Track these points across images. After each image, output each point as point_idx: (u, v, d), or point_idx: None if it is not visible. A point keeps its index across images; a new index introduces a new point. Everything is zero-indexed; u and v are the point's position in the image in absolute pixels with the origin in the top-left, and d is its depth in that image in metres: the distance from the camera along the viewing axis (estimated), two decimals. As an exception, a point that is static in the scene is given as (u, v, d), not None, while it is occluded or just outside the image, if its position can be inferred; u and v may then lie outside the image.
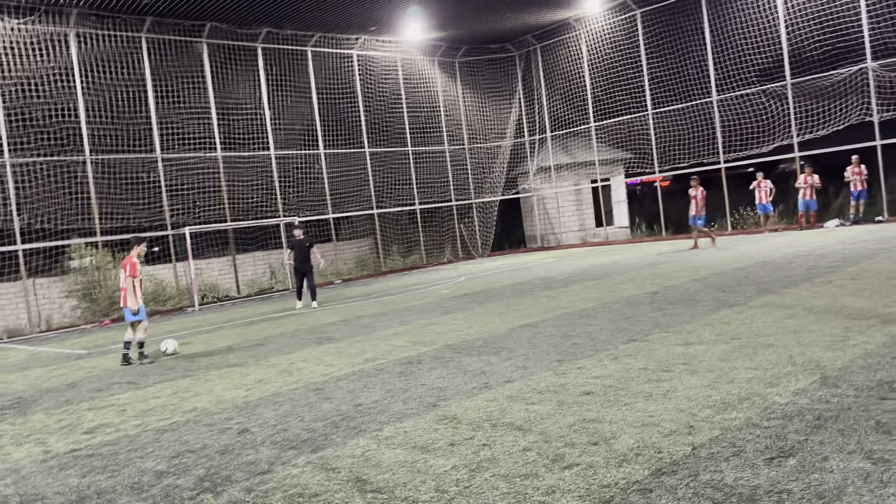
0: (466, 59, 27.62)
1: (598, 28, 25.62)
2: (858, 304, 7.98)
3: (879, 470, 3.52)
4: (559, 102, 27.43)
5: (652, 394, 5.42)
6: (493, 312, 11.25)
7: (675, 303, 9.87)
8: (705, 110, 23.46)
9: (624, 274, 14.66)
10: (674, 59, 23.84)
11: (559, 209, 28.42)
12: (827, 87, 20.99)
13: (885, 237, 15.61)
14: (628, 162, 26.61)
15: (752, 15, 22.04)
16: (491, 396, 5.94)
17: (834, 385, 5.05)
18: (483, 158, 28.21)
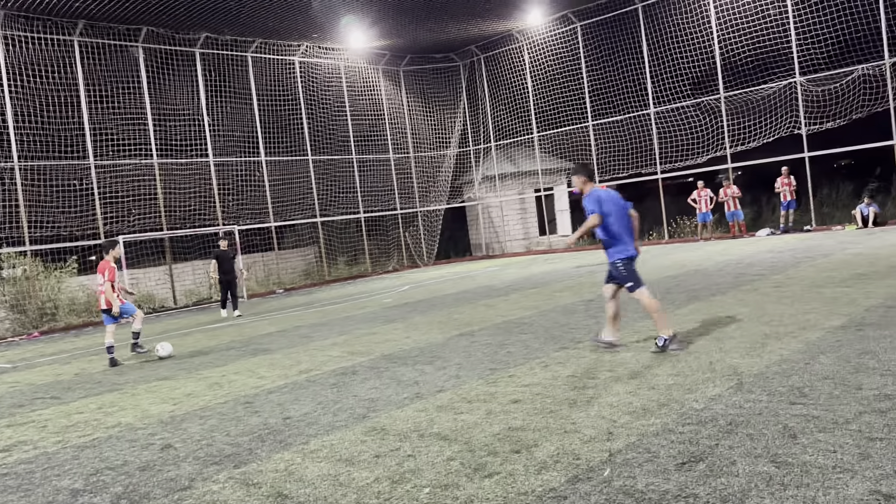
0: (411, 68, 27.71)
1: (541, 40, 26.05)
2: (779, 312, 8.29)
3: (782, 473, 3.66)
4: (503, 112, 27.75)
5: (577, 401, 5.51)
6: (433, 322, 11.27)
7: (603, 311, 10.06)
8: (643, 122, 24.08)
9: (563, 282, 14.88)
10: (613, 72, 24.41)
11: (504, 218, 28.69)
12: (758, 100, 21.79)
13: (812, 246, 16.25)
14: (570, 172, 27.07)
15: (686, 30, 22.74)
16: (421, 407, 5.95)
17: (748, 391, 5.23)
18: (428, 167, 28.30)
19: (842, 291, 9.19)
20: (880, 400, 4.64)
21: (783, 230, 21.35)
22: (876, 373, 5.29)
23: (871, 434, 4.05)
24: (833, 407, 4.62)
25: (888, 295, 8.49)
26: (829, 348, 6.22)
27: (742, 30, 21.68)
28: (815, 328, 7.12)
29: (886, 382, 5.01)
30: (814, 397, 4.88)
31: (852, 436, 4.06)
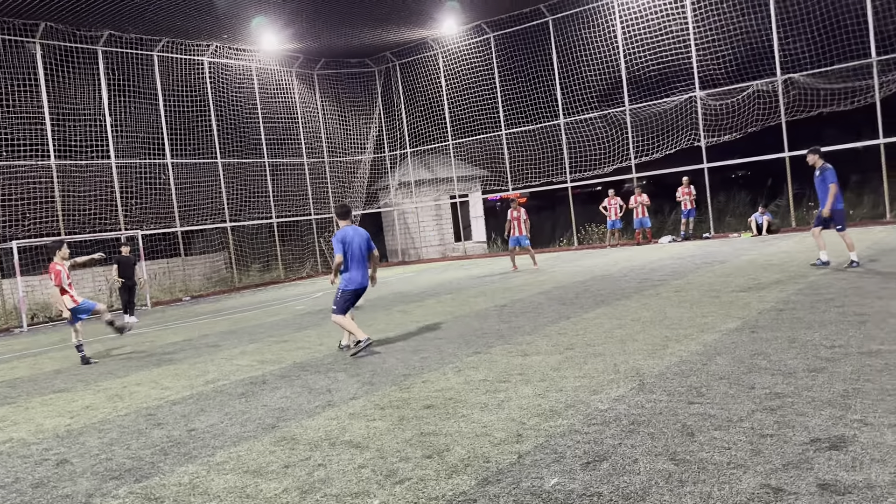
0: (325, 72, 27.43)
1: (455, 49, 26.35)
2: (680, 315, 8.67)
3: (680, 470, 3.83)
4: (419, 119, 27.88)
5: (488, 404, 5.59)
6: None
7: (519, 315, 10.26)
8: (554, 132, 24.73)
9: (477, 288, 15.06)
10: (526, 82, 24.97)
11: (419, 224, 28.78)
12: (660, 113, 22.78)
13: (710, 252, 17.10)
14: (485, 179, 27.48)
15: (594, 44, 23.54)
16: (333, 415, 5.88)
17: (650, 391, 5.44)
18: (343, 172, 28.07)
19: (737, 296, 9.71)
20: (771, 398, 4.93)
21: (684, 237, 22.36)
22: (767, 372, 5.61)
23: (762, 431, 4.29)
24: (728, 406, 4.87)
25: (779, 299, 9.03)
26: (724, 350, 6.56)
27: (646, 46, 22.63)
28: (712, 330, 7.49)
29: (777, 382, 5.32)
30: (710, 396, 5.13)
31: (745, 433, 4.29)
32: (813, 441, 4.01)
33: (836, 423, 4.25)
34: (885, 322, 6.90)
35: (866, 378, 5.11)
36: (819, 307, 8.11)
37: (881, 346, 6.00)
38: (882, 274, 10.19)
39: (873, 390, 4.82)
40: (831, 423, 4.26)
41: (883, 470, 3.50)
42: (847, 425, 4.20)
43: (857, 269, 10.95)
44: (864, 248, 14.02)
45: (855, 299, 8.35)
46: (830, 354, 5.92)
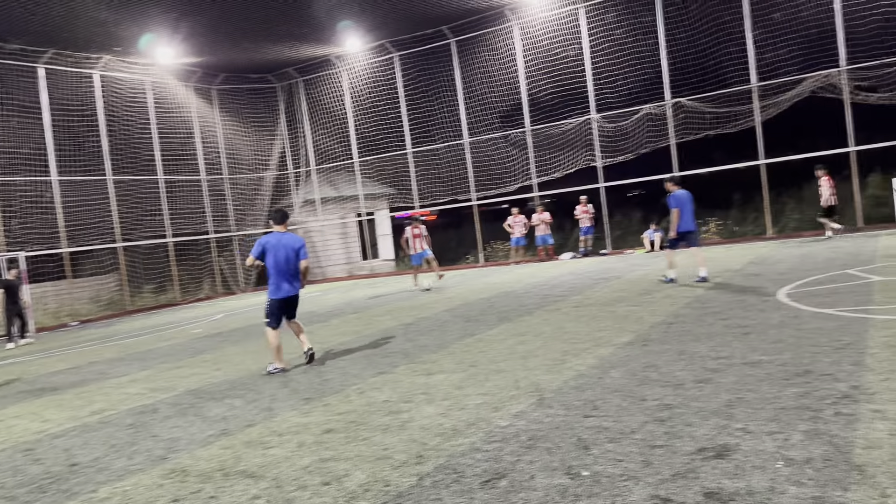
0: (225, 87, 26.71)
1: (360, 66, 26.30)
2: (578, 330, 8.91)
3: (575, 484, 3.90)
4: (323, 136, 27.58)
5: (390, 426, 5.52)
6: (247, 352, 10.81)
7: (425, 333, 10.26)
8: (458, 151, 25.06)
9: (384, 307, 14.96)
10: (431, 102, 25.21)
11: (325, 242, 28.38)
12: (560, 134, 23.53)
13: (607, 268, 17.71)
14: (392, 197, 27.46)
15: (496, 66, 24.09)
16: (228, 444, 5.65)
17: (548, 406, 5.54)
18: (245, 190, 27.33)
19: (631, 310, 10.08)
20: (661, 409, 5.11)
21: (583, 254, 23.09)
22: (658, 384, 5.83)
23: (652, 442, 4.44)
24: (621, 418, 5.02)
25: (669, 312, 9.44)
26: (619, 363, 6.78)
27: (545, 69, 23.36)
28: (608, 344, 7.73)
29: (667, 393, 5.53)
30: (605, 409, 5.27)
31: (637, 444, 4.42)
32: (699, 450, 4.18)
33: (720, 433, 4.45)
34: (766, 333, 7.33)
35: (748, 388, 5.39)
36: (706, 320, 8.53)
37: (762, 356, 6.36)
38: (764, 287, 10.84)
39: (755, 399, 5.08)
40: (716, 433, 4.45)
41: (763, 476, 3.69)
42: (730, 434, 4.40)
43: (705, 283, 11.97)
44: (748, 262, 14.90)
45: (739, 312, 8.83)
46: (716, 365, 6.22)
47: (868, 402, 4.70)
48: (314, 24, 22.21)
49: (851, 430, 4.20)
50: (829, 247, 16.18)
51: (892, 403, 4.60)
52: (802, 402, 4.88)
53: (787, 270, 12.58)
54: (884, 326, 6.96)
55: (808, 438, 4.15)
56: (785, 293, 9.90)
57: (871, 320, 7.34)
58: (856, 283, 10.16)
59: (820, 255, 14.62)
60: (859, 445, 3.94)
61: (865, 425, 4.25)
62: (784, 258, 14.88)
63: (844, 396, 4.88)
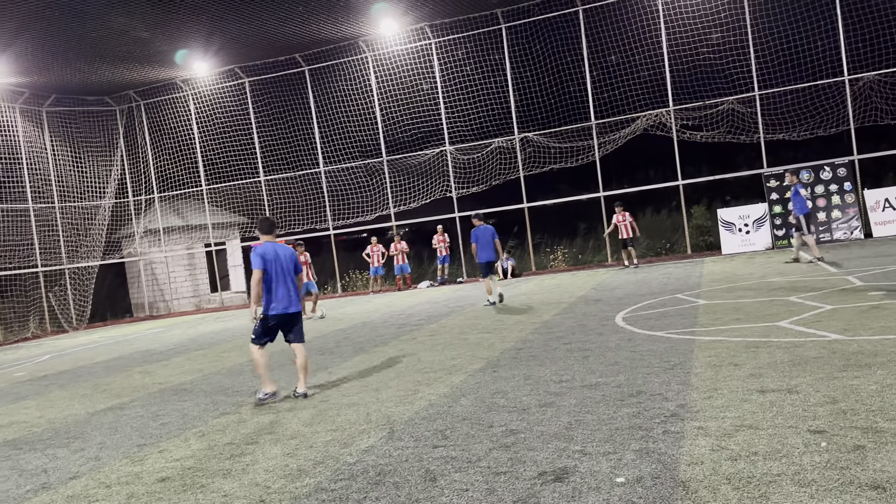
0: (56, 109, 24.79)
1: (208, 91, 25.40)
2: (432, 358, 8.96)
3: (421, 517, 3.86)
4: (168, 162, 26.25)
5: (231, 470, 5.23)
6: (76, 395, 9.91)
7: (276, 369, 9.86)
8: (314, 179, 24.74)
9: (232, 342, 14.31)
10: (285, 129, 24.77)
11: (170, 274, 26.85)
12: (416, 165, 23.89)
13: (463, 296, 18.06)
14: (244, 226, 26.54)
15: (352, 96, 24.14)
16: (48, 499, 5.10)
17: (398, 438, 5.48)
18: (78, 219, 25.33)
19: (483, 337, 10.30)
20: (507, 435, 5.21)
21: (440, 282, 23.44)
22: (505, 410, 5.95)
23: (497, 469, 4.50)
24: (469, 446, 5.06)
25: (518, 339, 9.74)
26: (469, 390, 6.86)
27: (400, 101, 23.72)
28: (460, 372, 7.83)
29: (513, 418, 5.65)
30: (454, 438, 5.29)
31: (482, 472, 4.46)
32: (540, 475, 4.28)
33: (560, 455, 4.59)
34: (604, 356, 7.73)
35: (587, 410, 5.63)
36: (551, 345, 8.88)
37: (600, 378, 6.68)
38: (603, 312, 11.47)
39: (592, 421, 5.31)
40: (556, 456, 4.59)
41: (598, 497, 3.83)
42: (570, 456, 4.56)
43: (493, 306, 14.28)
44: (590, 288, 15.75)
45: (580, 336, 9.27)
46: (559, 389, 6.46)
47: (692, 419, 5.04)
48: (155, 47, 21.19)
49: (678, 447, 4.48)
50: (661, 273, 17.47)
51: (713, 420, 4.96)
52: (635, 421, 5.16)
53: (624, 296, 13.41)
54: (707, 347, 7.55)
55: (640, 457, 4.38)
56: (622, 317, 10.53)
57: (696, 341, 7.95)
58: (684, 306, 11.01)
59: (654, 280, 15.73)
60: (684, 462, 4.20)
61: (690, 442, 4.55)
62: (622, 284, 15.87)
63: (672, 415, 5.21)
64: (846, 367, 5.96)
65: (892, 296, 9.31)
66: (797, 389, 5.46)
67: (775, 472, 3.84)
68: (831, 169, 20.02)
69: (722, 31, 20.91)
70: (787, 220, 19.67)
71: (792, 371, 6.05)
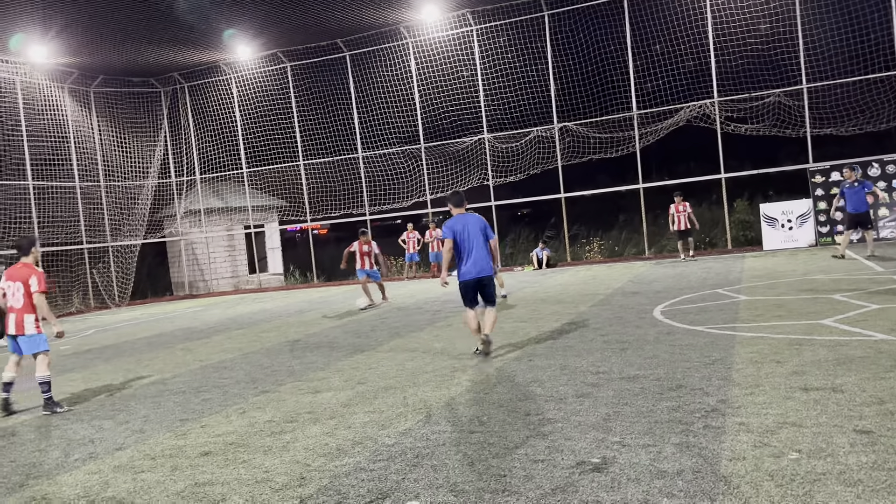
0: (104, 90, 25.28)
1: (250, 75, 25.66)
2: (467, 345, 8.97)
3: (459, 501, 3.90)
4: (210, 144, 26.62)
5: (272, 447, 5.33)
6: (119, 369, 10.19)
7: (313, 350, 10.03)
8: (353, 164, 24.89)
9: (270, 322, 14.54)
10: (324, 114, 24.92)
11: (210, 255, 27.31)
12: (454, 152, 23.86)
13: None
14: (282, 209, 26.84)
15: (392, 82, 24.16)
16: (95, 468, 5.27)
17: (436, 422, 5.53)
18: (123, 198, 25.88)
19: (518, 326, 10.29)
20: (543, 424, 5.22)
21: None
22: (541, 399, 5.95)
23: (534, 456, 4.51)
24: (505, 433, 5.08)
25: (554, 329, 9.71)
26: (504, 378, 6.88)
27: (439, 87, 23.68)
28: (495, 360, 7.84)
29: (549, 408, 5.66)
30: (490, 425, 5.32)
31: (519, 459, 4.48)
32: (579, 464, 4.29)
33: (598, 446, 4.59)
34: (642, 349, 7.67)
35: (625, 402, 5.61)
36: (587, 336, 8.84)
37: (638, 371, 6.64)
38: (641, 305, 11.36)
39: (631, 413, 5.29)
40: (595, 446, 4.59)
41: (637, 489, 3.82)
42: (608, 447, 4.55)
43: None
44: (627, 281, 15.60)
45: (617, 328, 9.21)
46: (596, 380, 6.43)
47: (734, 415, 4.99)
48: (201, 30, 21.47)
49: (719, 442, 4.44)
50: (701, 267, 17.21)
51: (755, 416, 4.90)
52: (675, 415, 5.12)
53: (662, 289, 13.26)
54: (749, 343, 7.44)
55: (680, 451, 4.35)
56: (660, 311, 10.42)
57: (737, 337, 7.84)
58: (724, 301, 10.85)
59: (693, 275, 15.52)
60: (725, 457, 4.16)
61: (731, 437, 4.50)
62: (660, 277, 15.69)
63: (713, 410, 5.16)
64: (893, 367, 5.83)
65: (942, 297, 9.05)
66: (842, 388, 5.36)
67: (819, 471, 3.79)
68: (880, 165, 19.48)
69: (770, 22, 20.40)
70: (831, 217, 19.19)
71: (836, 370, 5.94)
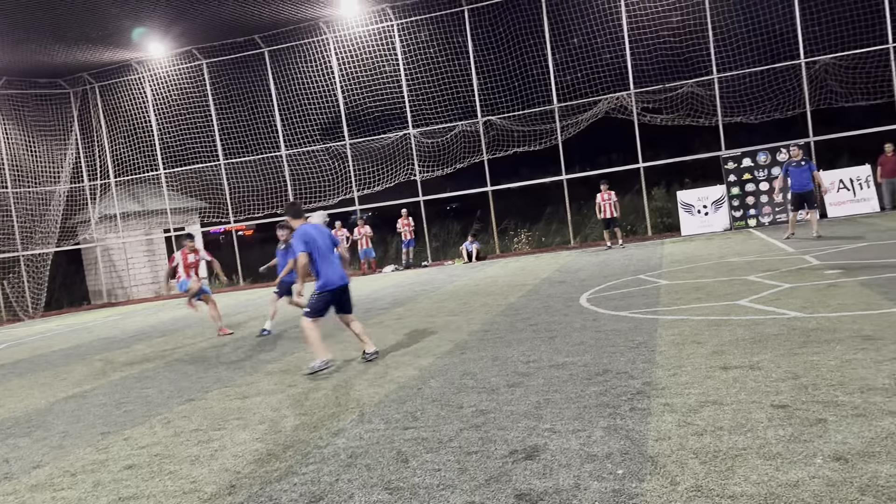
0: (8, 92, 23.95)
1: (164, 73, 24.80)
2: (399, 341, 8.96)
3: (394, 499, 3.87)
4: (124, 146, 25.62)
5: (199, 456, 5.17)
6: (35, 384, 9.68)
7: (240, 355, 9.80)
8: (276, 163, 24.41)
9: (194, 328, 14.13)
10: (245, 112, 24.34)
11: (128, 261, 26.30)
12: (380, 148, 23.73)
13: (428, 280, 18.07)
14: (203, 211, 26.09)
15: (314, 79, 23.80)
16: (10, 489, 4.99)
17: (368, 421, 5.48)
18: (33, 204, 24.61)
19: (449, 320, 10.33)
20: (476, 416, 5.24)
21: (405, 266, 23.41)
22: (474, 391, 5.99)
23: (468, 448, 4.53)
24: (439, 427, 5.08)
25: (485, 320, 9.79)
26: (438, 372, 6.89)
27: (363, 83, 23.49)
28: (428, 354, 7.84)
29: (482, 399, 5.69)
30: (424, 420, 5.31)
31: (453, 452, 4.49)
32: (511, 453, 4.33)
33: (530, 434, 4.65)
34: (570, 336, 7.82)
35: (555, 389, 5.70)
36: (517, 326, 8.95)
37: (567, 358, 6.76)
38: (568, 293, 11.59)
39: (560, 400, 5.38)
40: (526, 435, 4.65)
41: (568, 474, 3.89)
42: (539, 435, 4.61)
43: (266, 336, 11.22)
44: (554, 270, 15.89)
45: (546, 317, 9.36)
46: (526, 369, 6.52)
47: (658, 396, 5.14)
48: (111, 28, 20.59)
49: (645, 423, 4.56)
50: (623, 254, 17.70)
51: (678, 397, 5.07)
52: (602, 399, 5.24)
53: (587, 277, 13.57)
54: (670, 326, 7.69)
55: (608, 434, 4.45)
56: (586, 298, 10.66)
57: (659, 320, 8.09)
58: (646, 286, 11.19)
59: (616, 262, 15.94)
60: (651, 438, 4.28)
61: (657, 418, 4.64)
62: (585, 266, 16.05)
63: (638, 392, 5.30)
64: (806, 343, 6.13)
65: (847, 274, 9.59)
66: (759, 366, 5.60)
67: (741, 447, 3.95)
68: (787, 151, 20.49)
69: (681, 15, 21.13)
70: (773, 197, 20.01)
71: (753, 348, 6.20)
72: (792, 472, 3.50)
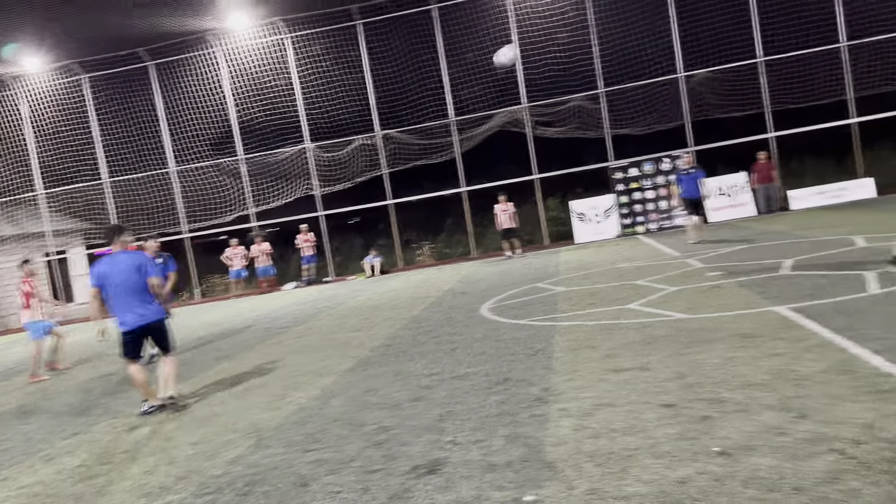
0: None
1: (42, 89, 23.37)
2: (300, 361, 8.76)
3: (294, 524, 3.76)
4: (-3, 166, 23.89)
5: (84, 494, 4.85)
6: None
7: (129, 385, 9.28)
8: (164, 180, 23.45)
9: (78, 356, 13.32)
10: (129, 128, 23.28)
11: (4, 287, 24.45)
12: (276, 163, 23.25)
13: (330, 296, 17.81)
14: (88, 232, 24.68)
15: (203, 93, 23.07)
16: None
17: (267, 446, 5.31)
18: None
19: (352, 336, 10.21)
20: (379, 433, 5.19)
21: (306, 282, 22.98)
22: (377, 408, 5.92)
23: (370, 467, 4.47)
24: (341, 447, 4.99)
25: (388, 335, 9.74)
26: (340, 391, 6.78)
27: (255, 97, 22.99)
28: (330, 373, 7.71)
29: (384, 416, 5.64)
30: (325, 441, 5.20)
31: (355, 472, 4.42)
32: (414, 469, 4.30)
33: (432, 448, 4.64)
34: (471, 347, 7.89)
35: (457, 400, 5.73)
36: (420, 339, 8.95)
37: (468, 369, 6.82)
38: (469, 304, 11.71)
39: (462, 411, 5.41)
40: (429, 449, 4.64)
41: (470, 485, 3.91)
42: (441, 448, 4.61)
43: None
44: (456, 282, 16.03)
45: (448, 329, 9.42)
46: (429, 382, 6.52)
47: (555, 401, 5.26)
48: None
49: (543, 429, 4.66)
50: (522, 263, 18.10)
51: (574, 401, 5.20)
52: (503, 408, 5.31)
53: (488, 287, 13.77)
54: (566, 332, 7.91)
55: (509, 442, 4.51)
56: (487, 308, 10.81)
57: (556, 327, 8.31)
58: (544, 294, 11.47)
59: (515, 271, 16.27)
60: (549, 443, 4.37)
61: (554, 424, 4.74)
62: (486, 276, 16.29)
63: (537, 399, 5.41)
64: (691, 343, 6.45)
65: (728, 276, 10.18)
66: (649, 367, 5.84)
67: (633, 447, 4.09)
68: (671, 160, 21.60)
69: (569, 32, 21.95)
70: (633, 209, 21.02)
71: (643, 350, 6.47)
72: (680, 469, 3.66)
